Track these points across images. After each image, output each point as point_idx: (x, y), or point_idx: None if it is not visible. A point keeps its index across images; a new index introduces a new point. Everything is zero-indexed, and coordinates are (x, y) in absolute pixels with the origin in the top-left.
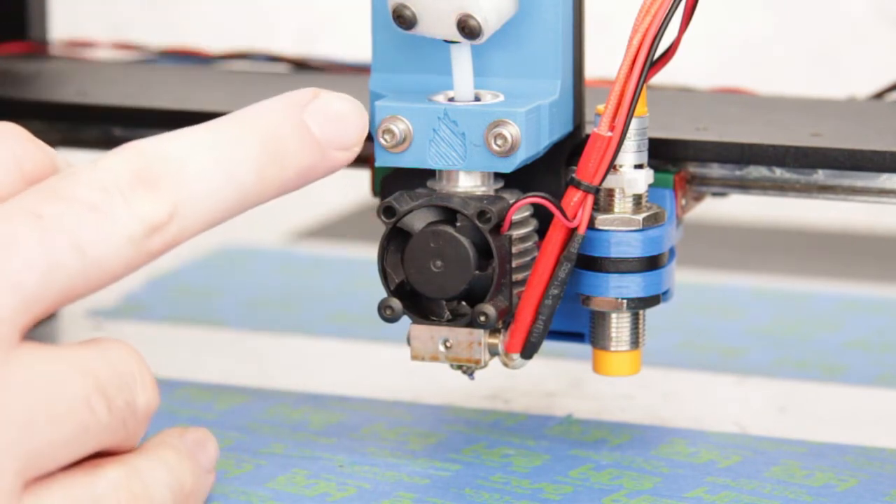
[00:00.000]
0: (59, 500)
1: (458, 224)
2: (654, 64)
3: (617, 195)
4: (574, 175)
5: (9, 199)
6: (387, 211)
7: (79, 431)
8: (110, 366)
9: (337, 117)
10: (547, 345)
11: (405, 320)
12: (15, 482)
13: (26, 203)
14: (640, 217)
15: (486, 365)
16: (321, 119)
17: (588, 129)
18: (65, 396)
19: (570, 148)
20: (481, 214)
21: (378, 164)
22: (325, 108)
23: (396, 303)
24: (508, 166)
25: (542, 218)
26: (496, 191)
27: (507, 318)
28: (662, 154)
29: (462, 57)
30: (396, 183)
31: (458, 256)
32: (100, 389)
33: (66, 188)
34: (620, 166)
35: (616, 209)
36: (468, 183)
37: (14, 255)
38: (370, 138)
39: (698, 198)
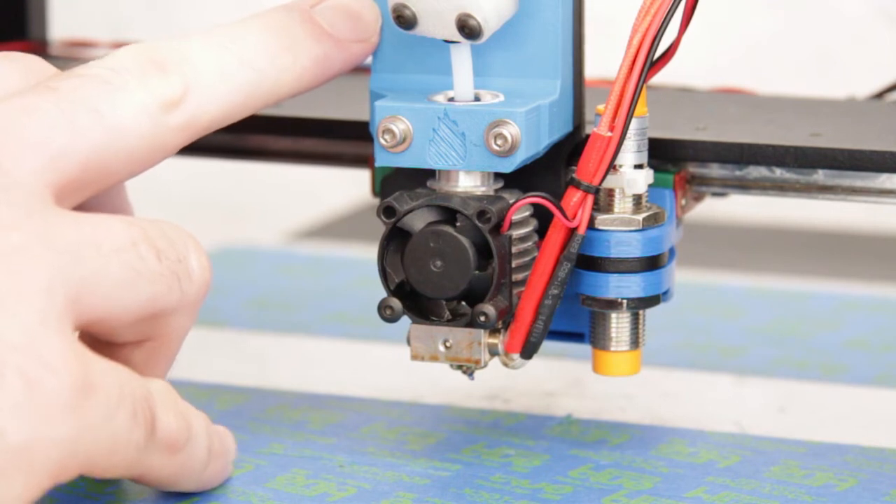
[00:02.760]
0: (113, 379)
1: (457, 224)
2: (654, 64)
3: (617, 195)
4: (574, 175)
5: None
6: (387, 211)
7: (128, 272)
8: (158, 227)
9: (346, 12)
10: (547, 345)
11: (405, 320)
12: (65, 307)
13: (41, 83)
14: (640, 217)
15: (485, 365)
16: (329, 14)
17: (588, 129)
18: (110, 236)
19: (569, 148)
20: (481, 214)
21: (378, 164)
22: (331, 5)
23: (396, 303)
24: (508, 166)
25: (542, 218)
26: (496, 191)
27: (506, 317)
28: (662, 154)
29: (462, 57)
30: (396, 183)
31: (457, 256)
32: (147, 239)
33: (78, 70)
34: (620, 166)
35: (616, 209)
36: (468, 183)
37: (36, 119)
38: (370, 138)
39: (698, 198)
